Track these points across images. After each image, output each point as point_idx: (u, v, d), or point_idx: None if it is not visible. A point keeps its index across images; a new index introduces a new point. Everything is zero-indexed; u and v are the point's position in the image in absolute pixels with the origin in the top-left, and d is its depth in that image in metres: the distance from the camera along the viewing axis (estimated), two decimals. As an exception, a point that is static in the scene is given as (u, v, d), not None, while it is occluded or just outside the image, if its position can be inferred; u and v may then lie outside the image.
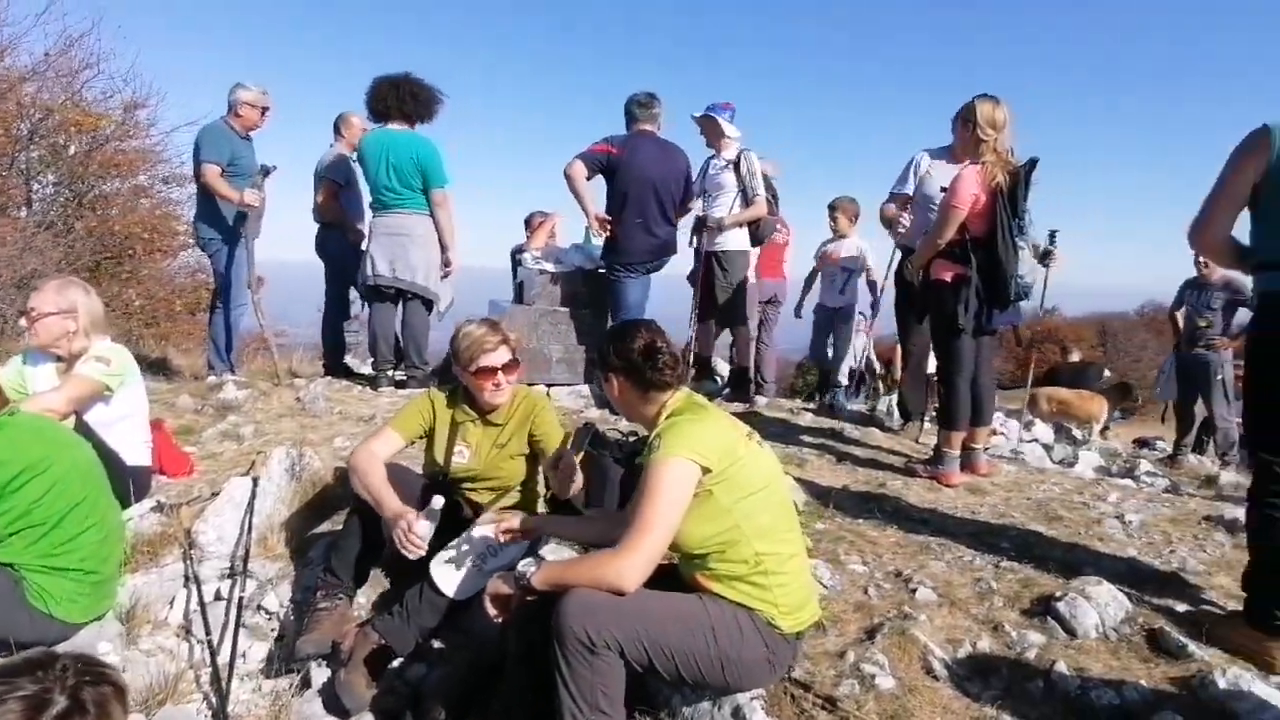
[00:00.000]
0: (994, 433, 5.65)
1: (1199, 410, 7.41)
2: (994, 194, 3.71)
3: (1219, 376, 7.08)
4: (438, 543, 2.70)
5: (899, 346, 9.05)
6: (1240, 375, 4.93)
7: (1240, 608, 2.68)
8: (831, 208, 7.27)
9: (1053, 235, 4.31)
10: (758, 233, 5.93)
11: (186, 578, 3.08)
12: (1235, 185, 2.55)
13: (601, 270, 5.54)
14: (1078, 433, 7.65)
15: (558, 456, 2.58)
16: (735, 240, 5.75)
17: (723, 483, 2.03)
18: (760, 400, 6.02)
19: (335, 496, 3.60)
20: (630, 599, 1.91)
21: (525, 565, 2.17)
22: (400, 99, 5.27)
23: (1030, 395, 7.49)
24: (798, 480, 3.86)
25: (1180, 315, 7.45)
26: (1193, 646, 2.55)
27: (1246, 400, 2.70)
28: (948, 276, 3.88)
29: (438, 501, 2.66)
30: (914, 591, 2.89)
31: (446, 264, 5.45)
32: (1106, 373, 11.13)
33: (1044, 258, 4.30)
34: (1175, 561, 3.29)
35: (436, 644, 2.81)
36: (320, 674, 2.74)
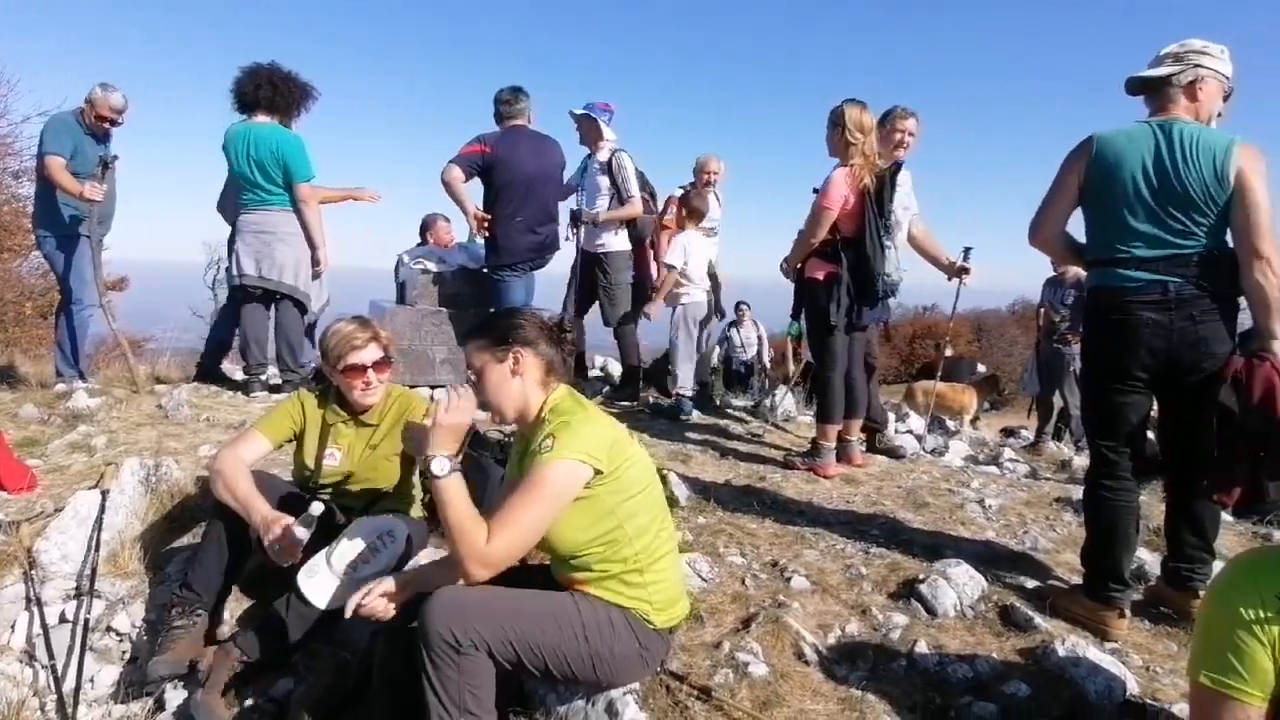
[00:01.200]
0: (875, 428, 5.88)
1: (1057, 400, 7.94)
2: (862, 195, 3.88)
3: (1072, 368, 7.60)
4: (307, 552, 2.59)
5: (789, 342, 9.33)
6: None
7: (1081, 582, 2.89)
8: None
9: (966, 252, 4.65)
10: (636, 232, 5.97)
11: (28, 599, 2.86)
12: (1064, 188, 2.80)
13: (485, 270, 5.46)
14: (950, 424, 8.05)
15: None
16: (614, 241, 5.78)
17: (610, 484, 2.01)
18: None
19: (197, 508, 3.40)
20: (498, 598, 1.89)
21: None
22: (264, 90, 5.04)
23: (907, 389, 7.84)
24: (681, 476, 3.92)
25: (1042, 312, 7.97)
26: (1039, 619, 2.73)
27: (1080, 390, 2.92)
28: (820, 275, 4.03)
29: (316, 507, 2.55)
30: (789, 580, 2.98)
31: (316, 263, 5.25)
32: (980, 367, 11.78)
33: (959, 273, 4.62)
34: (1028, 541, 3.52)
35: (303, 657, 2.70)
36: (176, 696, 2.59)
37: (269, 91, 5.07)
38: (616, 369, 7.22)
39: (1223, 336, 2.61)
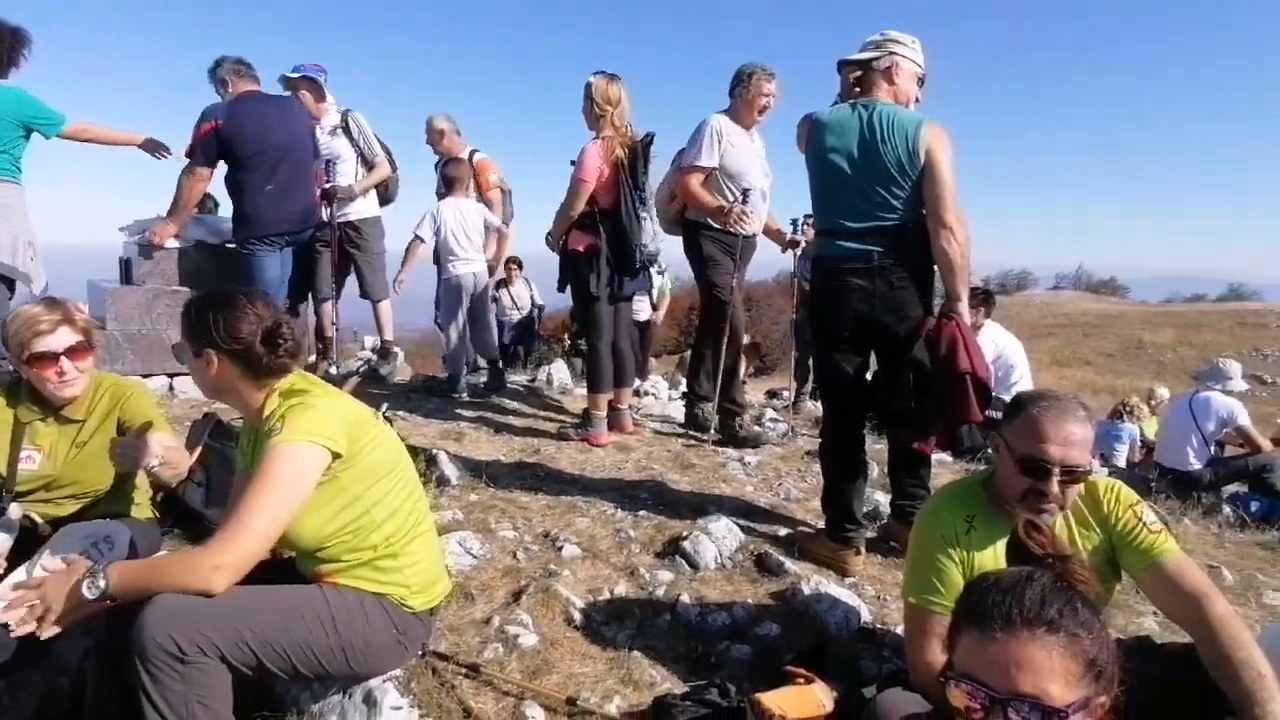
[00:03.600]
0: (640, 393, 6.08)
1: (812, 363, 8.65)
2: (616, 167, 3.95)
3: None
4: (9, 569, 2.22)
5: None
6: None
7: (823, 526, 3.17)
8: None
9: (795, 223, 4.78)
10: (386, 194, 5.69)
11: None
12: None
13: (230, 245, 4.96)
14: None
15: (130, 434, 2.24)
16: (363, 207, 5.46)
17: (353, 469, 1.88)
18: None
19: None
20: (228, 597, 1.71)
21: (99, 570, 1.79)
22: None
23: (679, 358, 8.19)
24: (453, 455, 3.82)
25: (795, 282, 8.61)
26: (789, 564, 2.96)
27: (812, 351, 3.18)
28: (581, 247, 4.07)
29: (15, 510, 2.20)
30: (560, 550, 3.00)
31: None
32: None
33: (791, 245, 4.78)
34: (782, 493, 3.81)
35: (8, 685, 2.33)
36: None
37: None
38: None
39: (915, 300, 2.92)
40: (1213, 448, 6.16)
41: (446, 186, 5.40)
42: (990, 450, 2.03)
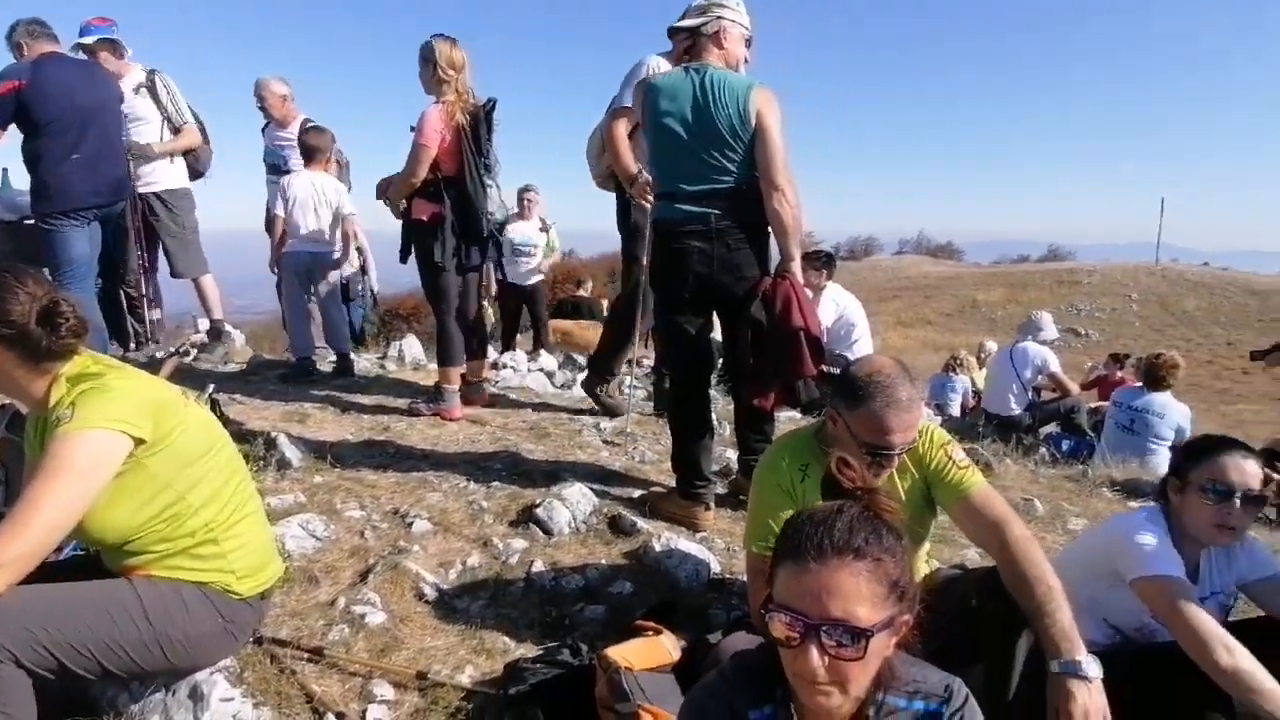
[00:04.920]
0: (498, 365, 6.01)
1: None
2: (458, 133, 3.84)
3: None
4: None
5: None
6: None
7: (674, 484, 3.24)
8: None
9: None
10: (196, 165, 5.29)
11: None
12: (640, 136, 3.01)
13: (28, 221, 4.48)
14: (579, 359, 8.54)
15: None
16: (172, 177, 5.07)
17: (161, 453, 1.73)
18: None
19: None
20: (18, 598, 1.56)
21: None
22: None
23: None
24: (295, 437, 3.63)
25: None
26: (641, 523, 3.02)
27: (655, 313, 3.20)
28: (425, 216, 3.94)
29: None
30: (410, 526, 2.93)
31: None
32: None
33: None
34: (637, 456, 3.87)
35: None
36: None
37: None
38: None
39: (752, 261, 3.00)
40: (1030, 393, 6.76)
41: (306, 157, 5.03)
42: (827, 420, 2.08)
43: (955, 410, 7.79)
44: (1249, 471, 2.01)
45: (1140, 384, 5.85)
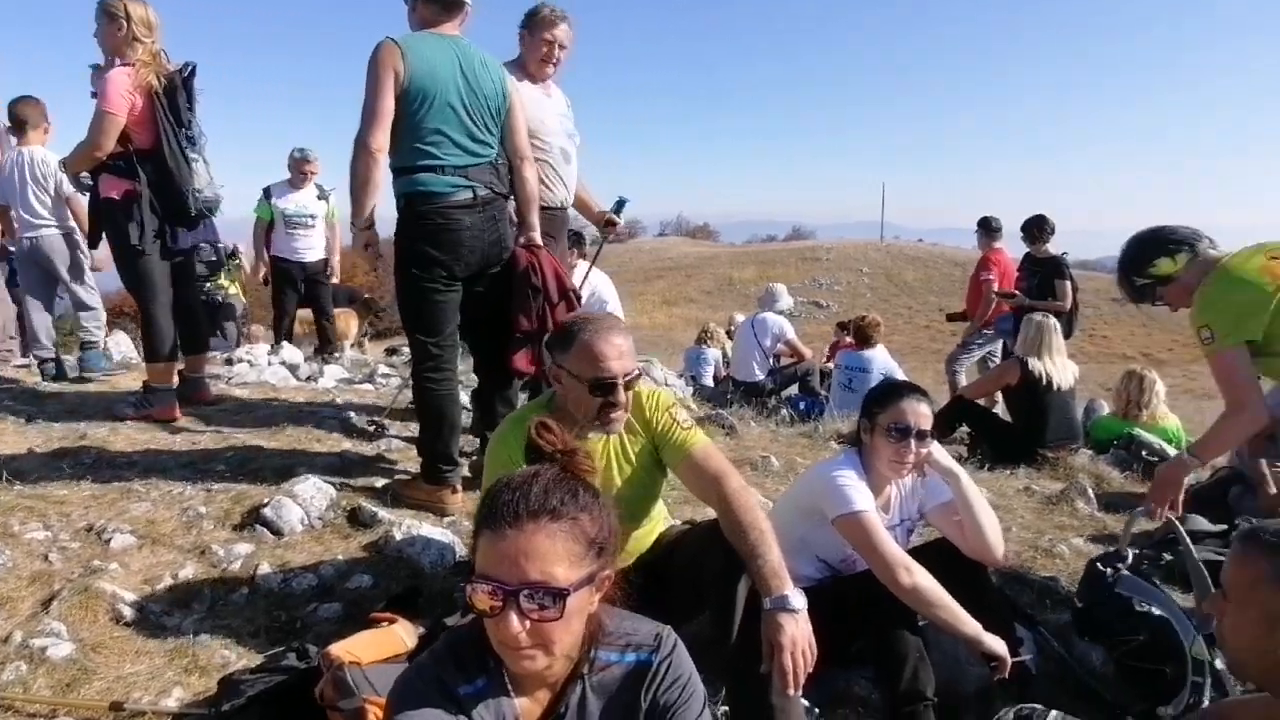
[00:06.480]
0: (231, 360, 5.49)
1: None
2: (151, 99, 3.40)
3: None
4: None
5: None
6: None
7: (419, 470, 3.13)
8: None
9: (620, 204, 4.03)
10: None
11: None
12: (390, 95, 2.76)
13: None
14: (347, 346, 8.00)
15: None
16: None
17: None
18: None
19: None
20: None
21: None
22: None
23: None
24: (-41, 454, 3.08)
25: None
26: (383, 513, 2.89)
27: (400, 291, 3.07)
28: (116, 194, 3.44)
29: None
30: (109, 542, 2.60)
31: None
32: (367, 295, 11.90)
33: (609, 224, 4.05)
34: (382, 445, 3.70)
35: None
36: None
37: None
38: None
39: (510, 232, 3.07)
40: (771, 360, 7.32)
41: (16, 129, 4.21)
42: (553, 383, 2.11)
43: (708, 380, 8.24)
44: (922, 413, 2.29)
45: (854, 345, 6.53)
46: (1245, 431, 2.57)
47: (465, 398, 3.90)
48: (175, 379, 3.86)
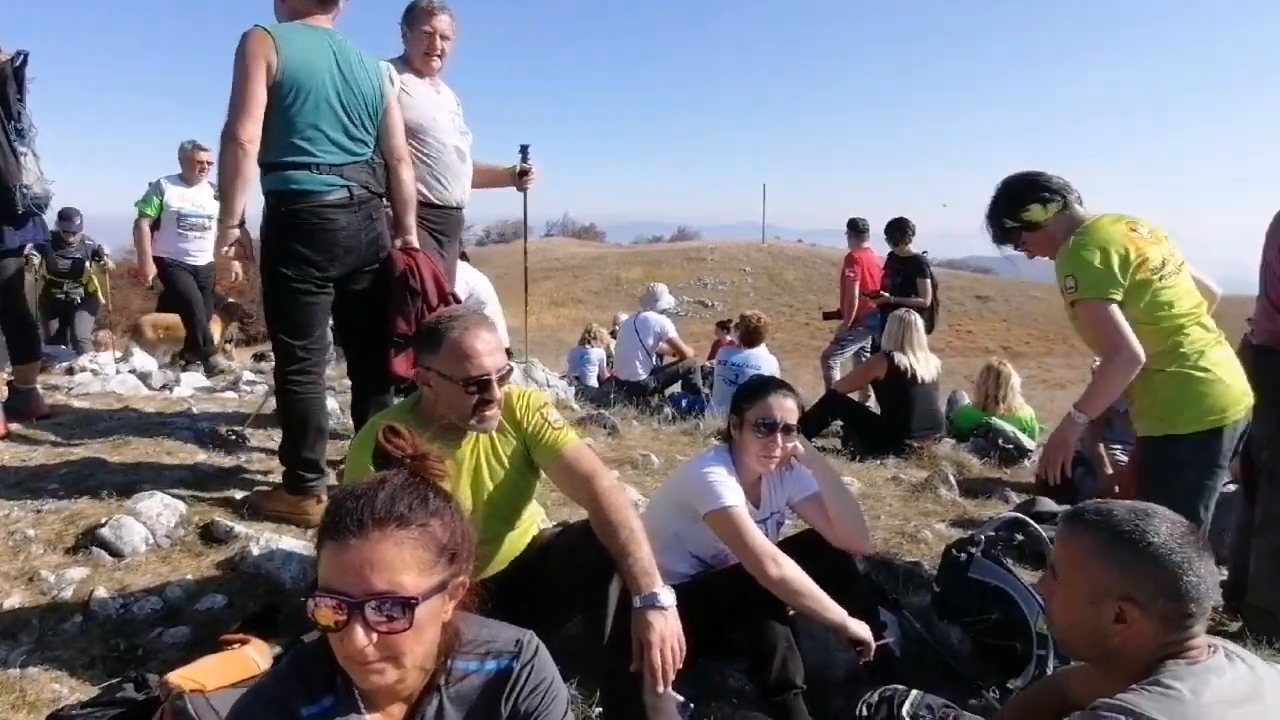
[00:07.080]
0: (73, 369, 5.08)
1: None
2: None
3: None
4: None
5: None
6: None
7: (281, 480, 2.96)
8: None
9: (524, 150, 3.89)
10: None
11: None
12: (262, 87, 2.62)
13: None
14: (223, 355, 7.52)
15: None
16: None
17: None
18: None
19: None
20: None
21: None
22: None
23: (136, 324, 7.04)
24: None
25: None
26: (240, 528, 2.71)
27: (266, 293, 2.91)
28: (-72, 190, 3.12)
29: None
30: (-86, 575, 2.32)
31: None
32: (230, 300, 11.22)
33: (523, 175, 3.87)
34: (241, 457, 3.48)
35: None
36: None
37: None
38: None
39: (387, 234, 2.97)
40: (654, 359, 7.38)
41: None
42: (421, 385, 2.05)
43: (592, 380, 8.22)
44: (788, 408, 2.34)
45: (737, 343, 6.66)
46: (1125, 373, 2.41)
47: (333, 403, 3.75)
48: (3, 390, 3.51)
